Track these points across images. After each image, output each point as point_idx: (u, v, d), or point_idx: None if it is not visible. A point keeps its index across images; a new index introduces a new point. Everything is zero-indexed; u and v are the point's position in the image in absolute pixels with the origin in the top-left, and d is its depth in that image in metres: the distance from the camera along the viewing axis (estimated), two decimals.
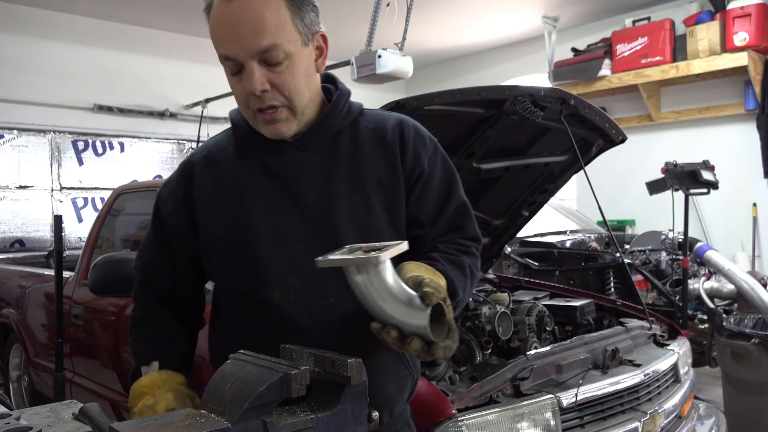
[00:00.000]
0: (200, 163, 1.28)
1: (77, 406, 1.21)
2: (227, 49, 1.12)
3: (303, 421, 0.90)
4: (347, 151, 1.22)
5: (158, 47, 7.14)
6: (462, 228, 1.28)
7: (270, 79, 1.12)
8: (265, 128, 1.18)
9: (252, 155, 1.24)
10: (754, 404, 3.16)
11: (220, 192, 1.23)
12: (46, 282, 3.69)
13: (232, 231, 1.21)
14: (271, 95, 1.13)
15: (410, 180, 1.23)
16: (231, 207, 1.22)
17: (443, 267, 1.13)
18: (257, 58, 1.11)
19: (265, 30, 1.10)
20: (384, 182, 1.22)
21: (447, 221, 1.26)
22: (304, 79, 1.16)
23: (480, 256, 1.31)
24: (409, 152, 1.23)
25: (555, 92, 2.45)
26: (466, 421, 1.73)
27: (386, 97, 4.11)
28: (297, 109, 1.16)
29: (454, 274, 1.14)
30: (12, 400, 3.99)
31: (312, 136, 1.21)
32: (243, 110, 1.19)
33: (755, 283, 3.95)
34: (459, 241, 1.26)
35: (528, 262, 4.48)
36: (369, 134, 1.25)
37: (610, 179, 6.27)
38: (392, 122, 1.27)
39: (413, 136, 1.25)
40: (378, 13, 4.92)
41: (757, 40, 5.56)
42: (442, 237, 1.25)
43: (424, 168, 1.23)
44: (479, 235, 1.31)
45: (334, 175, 1.21)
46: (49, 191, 6.57)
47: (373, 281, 0.95)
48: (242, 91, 1.14)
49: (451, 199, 1.27)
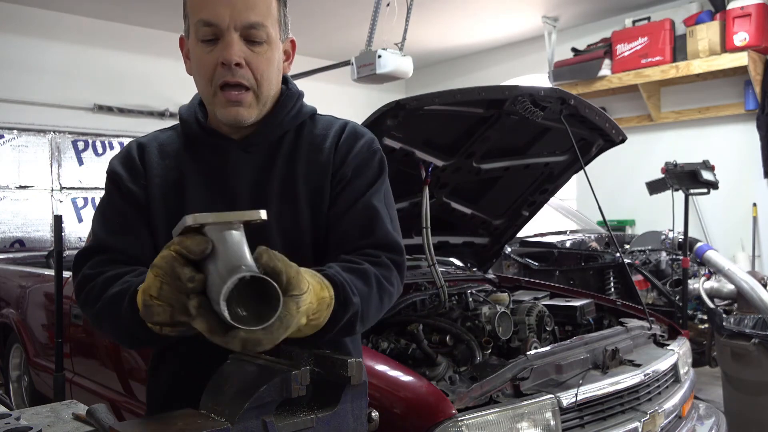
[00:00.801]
0: (155, 152, 1.23)
1: (77, 406, 1.21)
2: (212, 14, 1.09)
3: (303, 421, 0.90)
4: (286, 155, 1.20)
5: (158, 47, 7.14)
6: (371, 232, 1.14)
7: (246, 56, 1.11)
8: (224, 110, 1.13)
9: (198, 153, 1.21)
10: (754, 404, 3.16)
11: (166, 187, 1.19)
12: (46, 282, 3.68)
13: (172, 222, 1.12)
14: (243, 72, 1.11)
15: (336, 187, 1.19)
16: (174, 204, 1.18)
17: (333, 272, 1.00)
18: (240, 31, 1.10)
19: (257, 6, 1.10)
20: (314, 190, 1.18)
21: (352, 222, 1.15)
22: (275, 70, 1.16)
23: (402, 268, 1.16)
24: (340, 159, 1.20)
25: (555, 92, 2.45)
26: (466, 421, 1.73)
27: (386, 97, 4.12)
28: (262, 97, 1.15)
29: (348, 278, 1.01)
30: (12, 400, 3.99)
31: (258, 136, 1.19)
32: (204, 86, 1.15)
33: (755, 283, 3.95)
34: (368, 252, 1.12)
35: (528, 262, 4.48)
36: (309, 140, 1.22)
37: (610, 179, 6.27)
38: (335, 129, 1.23)
39: (348, 144, 1.21)
40: (378, 13, 4.92)
41: (757, 40, 5.56)
42: (348, 241, 1.14)
43: (347, 174, 1.19)
44: (396, 243, 1.16)
45: (269, 180, 1.18)
46: (49, 191, 6.57)
47: (221, 244, 0.83)
48: (211, 61, 1.11)
49: (360, 201, 1.17)
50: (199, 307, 0.80)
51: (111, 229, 1.18)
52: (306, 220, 1.17)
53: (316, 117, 1.27)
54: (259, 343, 0.79)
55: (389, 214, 1.19)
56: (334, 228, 1.17)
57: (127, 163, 1.22)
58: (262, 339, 0.79)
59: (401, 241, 1.18)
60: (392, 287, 1.12)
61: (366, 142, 1.23)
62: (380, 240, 1.14)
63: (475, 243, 3.27)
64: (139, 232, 1.18)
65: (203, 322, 0.79)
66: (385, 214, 1.17)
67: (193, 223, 0.83)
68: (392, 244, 1.15)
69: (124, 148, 1.26)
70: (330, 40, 7.22)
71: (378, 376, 1.84)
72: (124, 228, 1.17)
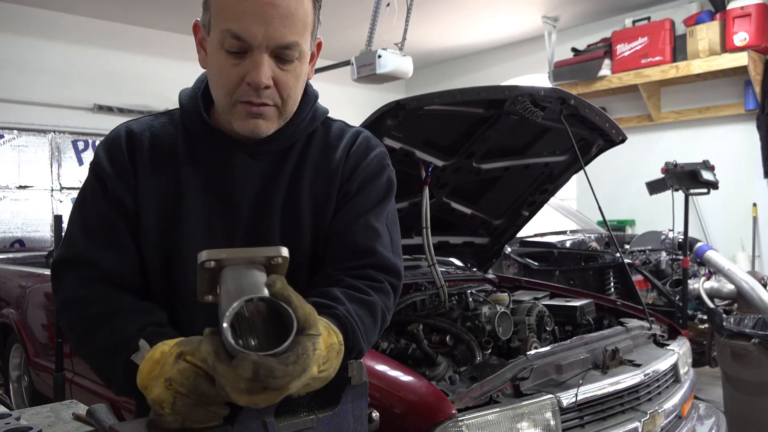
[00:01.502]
0: (147, 145, 1.11)
1: (77, 406, 1.21)
2: (244, 28, 0.97)
3: (303, 421, 0.90)
4: (294, 163, 1.12)
5: (158, 47, 7.14)
6: (372, 252, 1.07)
7: (275, 75, 1.01)
8: (242, 122, 1.03)
9: (198, 152, 1.11)
10: (754, 404, 3.16)
11: (159, 191, 1.09)
12: (46, 282, 3.68)
13: (165, 234, 1.08)
14: (269, 93, 1.02)
15: (341, 201, 1.13)
16: (168, 212, 1.08)
17: (342, 312, 0.94)
18: (272, 50, 1.00)
19: (295, 25, 1.00)
20: (319, 202, 1.12)
21: (353, 239, 1.08)
22: (301, 83, 1.08)
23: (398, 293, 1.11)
24: (348, 171, 1.13)
25: (555, 92, 2.45)
26: (466, 421, 1.73)
27: (386, 97, 4.11)
28: (286, 113, 1.07)
29: (357, 318, 0.95)
30: (12, 400, 3.99)
31: (270, 143, 1.10)
32: (222, 96, 1.04)
33: (755, 283, 3.95)
34: (370, 274, 1.05)
35: (528, 262, 4.48)
36: (320, 147, 1.15)
37: (610, 179, 6.27)
38: (347, 138, 1.16)
39: (358, 155, 1.14)
40: (378, 13, 4.92)
41: (757, 40, 5.56)
42: (348, 260, 1.07)
43: (353, 189, 1.12)
44: (396, 266, 1.10)
45: (275, 190, 1.10)
46: (49, 191, 6.57)
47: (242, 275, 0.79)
48: (236, 75, 1.00)
49: (362, 218, 1.10)
50: (211, 333, 0.74)
51: (92, 238, 1.07)
52: (308, 237, 1.11)
53: (327, 122, 1.19)
54: (272, 373, 0.69)
55: (390, 235, 1.13)
56: (332, 242, 1.11)
57: (114, 158, 1.09)
58: (275, 368, 0.70)
59: (401, 265, 1.12)
60: (389, 316, 1.08)
61: (377, 156, 1.17)
62: (383, 260, 1.08)
63: (475, 243, 3.27)
64: (122, 245, 1.07)
65: (208, 344, 0.73)
66: (385, 234, 1.11)
67: (207, 259, 0.78)
68: (393, 268, 1.09)
69: (111, 134, 1.13)
70: (330, 40, 7.19)
71: (378, 376, 1.84)
72: (106, 239, 1.07)
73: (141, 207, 1.08)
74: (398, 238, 1.16)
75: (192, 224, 1.08)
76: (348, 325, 0.92)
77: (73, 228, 1.10)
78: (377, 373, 1.86)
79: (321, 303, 0.92)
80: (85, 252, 1.06)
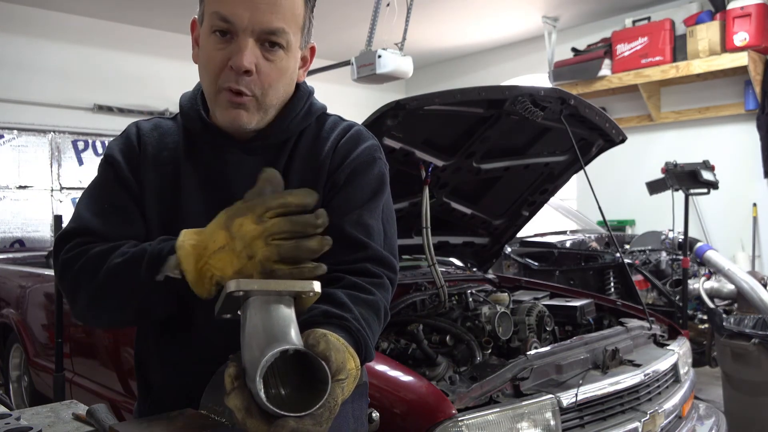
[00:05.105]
0: (154, 142, 1.15)
1: (77, 406, 1.21)
2: (230, 11, 1.01)
3: None
4: (285, 160, 1.13)
5: (158, 47, 7.14)
6: (365, 246, 1.06)
7: (258, 62, 1.03)
8: (224, 112, 1.06)
9: (197, 149, 1.14)
10: (754, 404, 3.16)
11: (162, 182, 1.13)
12: (46, 282, 3.68)
13: (165, 226, 1.09)
14: (250, 80, 1.03)
15: (328, 194, 1.11)
16: (168, 202, 1.12)
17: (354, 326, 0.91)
18: (257, 35, 1.02)
19: (282, 12, 1.02)
20: None
21: (345, 235, 1.05)
22: (286, 78, 1.09)
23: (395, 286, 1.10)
24: (336, 162, 1.12)
25: (555, 92, 2.45)
26: (466, 421, 1.73)
27: (386, 97, 4.12)
28: (263, 105, 1.07)
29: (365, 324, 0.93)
30: (12, 400, 3.99)
31: (263, 138, 1.12)
32: (208, 83, 1.07)
33: (755, 283, 3.95)
34: (369, 268, 1.03)
35: (528, 262, 4.48)
36: (311, 141, 1.15)
37: (610, 179, 6.27)
38: (336, 133, 1.16)
39: (348, 146, 1.14)
40: (378, 13, 4.92)
41: (757, 40, 5.56)
42: (342, 254, 1.03)
43: (341, 180, 1.11)
44: (389, 259, 1.08)
45: None
46: (49, 191, 6.57)
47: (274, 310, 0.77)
48: (221, 60, 1.03)
49: (355, 213, 1.08)
50: (237, 377, 0.72)
51: (99, 209, 1.09)
52: None
53: (322, 117, 1.20)
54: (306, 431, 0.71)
55: (385, 231, 1.11)
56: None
57: (126, 151, 1.15)
58: (311, 429, 0.71)
59: (396, 260, 1.11)
60: (389, 313, 1.07)
61: (367, 148, 1.15)
62: (376, 253, 1.06)
63: (475, 243, 3.27)
64: (132, 218, 1.10)
65: (239, 399, 0.71)
66: (379, 231, 1.09)
67: (236, 289, 0.76)
68: (387, 261, 1.07)
69: (124, 132, 1.18)
70: (330, 40, 7.21)
71: (378, 377, 1.84)
72: (116, 212, 1.09)
73: (145, 199, 1.12)
74: (394, 235, 1.15)
75: (190, 218, 1.09)
76: (361, 339, 0.90)
77: (79, 206, 1.12)
78: (377, 373, 1.86)
79: (331, 313, 0.91)
80: (88, 221, 1.07)
